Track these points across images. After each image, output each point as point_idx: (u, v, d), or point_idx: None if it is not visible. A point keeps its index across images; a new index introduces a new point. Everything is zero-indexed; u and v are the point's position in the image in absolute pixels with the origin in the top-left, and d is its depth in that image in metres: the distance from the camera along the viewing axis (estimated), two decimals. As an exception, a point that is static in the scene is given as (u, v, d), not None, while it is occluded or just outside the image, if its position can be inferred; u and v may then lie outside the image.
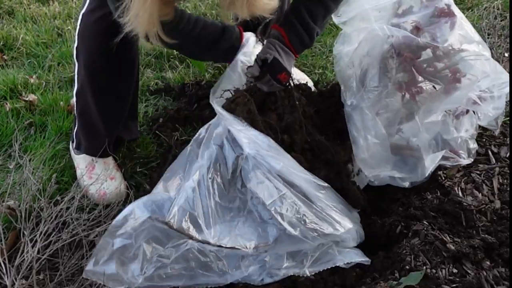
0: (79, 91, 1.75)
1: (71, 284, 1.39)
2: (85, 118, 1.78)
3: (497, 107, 1.66)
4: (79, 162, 1.84)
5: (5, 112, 2.10)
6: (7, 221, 1.58)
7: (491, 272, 1.35)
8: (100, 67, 1.69)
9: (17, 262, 1.31)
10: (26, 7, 2.93)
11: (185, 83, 2.30)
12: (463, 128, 1.68)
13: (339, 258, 1.44)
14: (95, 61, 1.69)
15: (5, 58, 2.50)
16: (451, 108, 1.64)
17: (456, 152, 1.67)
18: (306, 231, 1.41)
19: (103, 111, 1.75)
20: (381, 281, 1.34)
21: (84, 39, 1.68)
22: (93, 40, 1.66)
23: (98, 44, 1.65)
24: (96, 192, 1.74)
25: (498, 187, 1.63)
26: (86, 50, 1.69)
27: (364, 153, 1.60)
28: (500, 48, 2.16)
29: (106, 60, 1.68)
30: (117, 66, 1.71)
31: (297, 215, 1.42)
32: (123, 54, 1.69)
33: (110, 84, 1.73)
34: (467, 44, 1.57)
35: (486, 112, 1.66)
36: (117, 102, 1.78)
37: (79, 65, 1.72)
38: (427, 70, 1.57)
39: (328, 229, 1.44)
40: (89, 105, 1.75)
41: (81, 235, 1.45)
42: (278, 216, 1.41)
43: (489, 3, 2.74)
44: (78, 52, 1.71)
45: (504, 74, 1.62)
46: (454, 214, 1.53)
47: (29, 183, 1.54)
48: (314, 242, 1.43)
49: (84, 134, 1.81)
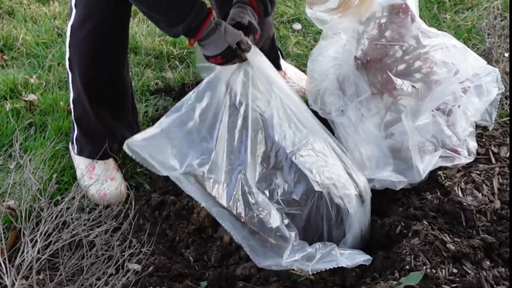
0: (75, 99, 1.77)
1: (71, 284, 1.39)
2: (85, 124, 1.80)
3: (486, 99, 1.65)
4: (79, 162, 1.84)
5: (5, 112, 2.10)
6: (7, 221, 1.58)
7: (491, 272, 1.35)
8: (95, 78, 1.73)
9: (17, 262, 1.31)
10: (26, 7, 2.93)
11: (185, 83, 2.30)
12: (457, 125, 1.68)
13: (341, 259, 1.43)
14: (90, 73, 1.72)
15: (5, 58, 2.50)
16: (437, 104, 1.63)
17: (455, 151, 1.67)
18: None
19: (102, 117, 1.78)
20: (381, 281, 1.34)
21: (76, 53, 1.71)
22: (86, 54, 1.70)
23: (91, 58, 1.70)
24: (97, 193, 1.74)
25: (498, 187, 1.63)
26: (80, 63, 1.71)
27: (361, 157, 1.60)
28: (500, 48, 2.16)
29: (101, 70, 1.72)
30: (112, 74, 1.75)
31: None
32: (117, 62, 1.71)
33: (106, 91, 1.76)
34: (432, 35, 1.58)
35: (474, 106, 1.66)
36: (115, 106, 1.81)
37: (73, 76, 1.74)
38: (400, 68, 1.58)
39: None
40: (88, 112, 1.76)
41: (81, 235, 1.45)
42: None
43: (489, 3, 2.73)
44: (71, 63, 1.73)
45: (479, 61, 1.63)
46: (454, 214, 1.53)
47: (29, 183, 1.54)
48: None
49: (86, 139, 1.82)
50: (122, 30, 1.72)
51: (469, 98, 1.65)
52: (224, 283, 1.47)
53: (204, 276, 1.50)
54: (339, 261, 1.42)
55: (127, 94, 1.84)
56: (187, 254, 1.58)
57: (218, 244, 1.59)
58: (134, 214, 1.57)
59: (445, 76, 1.58)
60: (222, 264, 1.55)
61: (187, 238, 1.61)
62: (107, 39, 1.68)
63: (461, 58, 1.63)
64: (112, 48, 1.71)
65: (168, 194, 1.75)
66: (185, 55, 2.51)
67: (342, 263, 1.42)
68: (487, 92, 1.68)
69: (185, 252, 1.59)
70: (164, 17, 1.44)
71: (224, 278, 1.48)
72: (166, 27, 1.48)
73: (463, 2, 2.85)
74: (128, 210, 1.58)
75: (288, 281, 1.42)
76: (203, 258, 1.58)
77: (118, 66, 1.77)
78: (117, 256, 1.40)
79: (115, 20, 1.67)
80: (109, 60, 1.73)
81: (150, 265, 1.45)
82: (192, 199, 1.70)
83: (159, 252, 1.53)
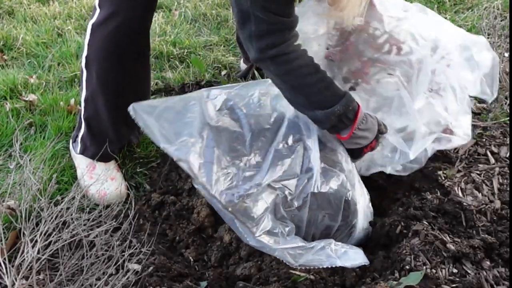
0: (88, 98, 1.75)
1: (71, 284, 1.39)
2: (95, 125, 1.79)
3: (479, 71, 1.60)
4: (79, 162, 1.84)
5: (5, 112, 2.10)
6: (7, 221, 1.58)
7: (491, 272, 1.35)
8: (113, 78, 1.71)
9: (17, 262, 1.31)
10: (26, 7, 2.93)
11: (185, 83, 2.30)
12: (450, 104, 1.61)
13: (334, 259, 1.43)
14: (108, 74, 1.70)
15: (5, 58, 2.50)
16: (426, 85, 1.57)
17: (451, 132, 1.62)
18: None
19: (114, 120, 1.76)
20: (381, 281, 1.34)
21: (96, 52, 1.69)
22: (106, 54, 1.68)
23: (111, 59, 1.68)
24: (97, 193, 1.74)
25: (498, 187, 1.63)
26: (99, 62, 1.69)
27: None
28: (500, 48, 2.16)
29: (120, 72, 1.70)
30: (132, 77, 1.73)
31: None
32: (137, 64, 1.70)
33: (123, 93, 1.73)
34: (402, 16, 1.56)
35: (468, 80, 1.60)
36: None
37: (89, 74, 1.72)
38: (370, 55, 1.56)
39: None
40: (100, 113, 1.75)
41: (82, 235, 1.45)
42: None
43: (489, 3, 2.74)
44: (89, 62, 1.70)
45: (461, 32, 1.58)
46: (454, 214, 1.53)
47: (29, 183, 1.54)
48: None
49: (92, 140, 1.80)
50: (144, 32, 1.71)
51: (460, 73, 1.59)
52: (224, 283, 1.47)
53: (204, 276, 1.50)
54: (332, 261, 1.42)
55: (144, 98, 1.81)
56: (187, 254, 1.58)
57: (218, 244, 1.59)
58: (134, 214, 1.56)
59: (424, 53, 1.52)
60: (222, 264, 1.55)
61: (187, 238, 1.61)
62: (130, 39, 1.66)
63: (440, 32, 1.57)
64: (133, 49, 1.69)
65: (168, 194, 1.75)
66: (185, 55, 2.51)
67: (337, 263, 1.42)
68: (478, 64, 1.61)
69: (185, 252, 1.59)
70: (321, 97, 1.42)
71: (224, 278, 1.48)
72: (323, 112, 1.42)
73: (463, 2, 2.85)
74: (128, 210, 1.58)
75: (288, 281, 1.42)
76: (203, 258, 1.58)
77: (138, 69, 1.75)
78: (117, 256, 1.40)
79: (139, 21, 1.66)
80: (130, 62, 1.70)
81: (150, 265, 1.45)
82: (192, 199, 1.70)
83: (159, 252, 1.53)
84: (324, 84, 1.43)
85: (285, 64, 1.38)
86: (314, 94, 1.42)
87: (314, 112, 1.43)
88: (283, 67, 1.39)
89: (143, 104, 1.47)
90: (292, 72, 1.40)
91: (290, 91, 1.44)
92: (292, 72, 1.39)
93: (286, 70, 1.39)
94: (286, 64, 1.38)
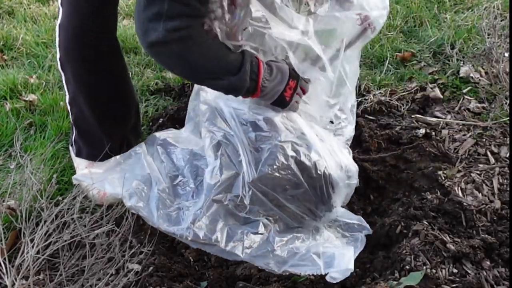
0: (71, 100, 1.76)
1: (71, 284, 1.39)
2: (82, 126, 1.79)
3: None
4: (78, 163, 1.83)
5: (5, 112, 2.10)
6: (7, 221, 1.58)
7: (491, 272, 1.35)
8: (89, 77, 1.70)
9: (17, 262, 1.31)
10: (26, 7, 2.93)
11: (185, 83, 2.30)
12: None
13: (319, 268, 1.45)
14: (82, 74, 1.70)
15: (5, 58, 2.50)
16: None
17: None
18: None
19: (98, 117, 1.76)
20: (381, 281, 1.34)
21: (67, 52, 1.68)
22: (77, 52, 1.67)
23: (80, 58, 1.67)
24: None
25: (498, 187, 1.63)
26: (72, 62, 1.69)
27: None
28: (500, 48, 2.16)
29: (92, 71, 1.69)
30: (107, 71, 1.72)
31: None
32: (110, 58, 1.70)
33: (101, 90, 1.73)
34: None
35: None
36: (112, 106, 1.78)
37: (66, 76, 1.72)
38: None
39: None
40: (84, 114, 1.75)
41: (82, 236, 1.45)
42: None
43: (489, 3, 2.74)
44: (63, 64, 1.70)
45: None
46: (454, 214, 1.53)
47: (30, 183, 1.53)
48: None
49: (83, 141, 1.81)
50: (107, 30, 1.69)
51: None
52: (224, 283, 1.47)
53: (204, 276, 1.50)
54: (315, 269, 1.43)
55: (127, 94, 1.82)
56: (187, 254, 1.58)
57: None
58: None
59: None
60: (222, 264, 1.55)
61: (187, 238, 1.61)
62: (93, 38, 1.64)
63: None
64: (100, 48, 1.67)
65: (168, 194, 1.75)
66: (185, 55, 2.51)
67: (320, 271, 1.43)
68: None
69: (185, 252, 1.58)
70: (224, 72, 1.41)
71: (224, 278, 1.48)
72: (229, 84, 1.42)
73: (463, 2, 2.85)
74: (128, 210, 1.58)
75: (288, 281, 1.42)
76: (203, 258, 1.58)
77: (112, 67, 1.74)
78: (118, 256, 1.40)
79: (99, 18, 1.64)
80: (100, 61, 1.69)
81: (150, 265, 1.45)
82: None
83: (159, 252, 1.53)
84: (225, 48, 1.41)
85: (189, 40, 1.35)
86: (222, 59, 1.40)
87: (229, 79, 1.41)
88: (188, 43, 1.35)
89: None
90: (196, 46, 1.36)
91: (198, 65, 1.40)
92: (196, 45, 1.36)
93: (190, 45, 1.35)
94: (190, 40, 1.35)
